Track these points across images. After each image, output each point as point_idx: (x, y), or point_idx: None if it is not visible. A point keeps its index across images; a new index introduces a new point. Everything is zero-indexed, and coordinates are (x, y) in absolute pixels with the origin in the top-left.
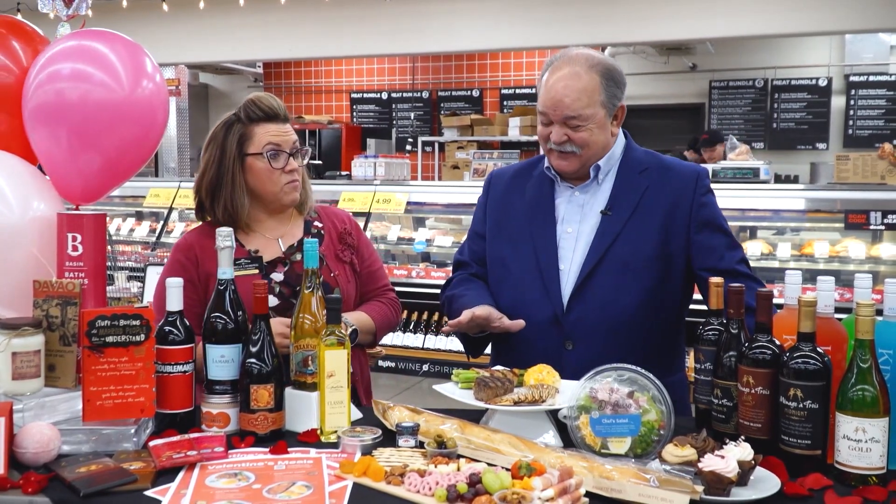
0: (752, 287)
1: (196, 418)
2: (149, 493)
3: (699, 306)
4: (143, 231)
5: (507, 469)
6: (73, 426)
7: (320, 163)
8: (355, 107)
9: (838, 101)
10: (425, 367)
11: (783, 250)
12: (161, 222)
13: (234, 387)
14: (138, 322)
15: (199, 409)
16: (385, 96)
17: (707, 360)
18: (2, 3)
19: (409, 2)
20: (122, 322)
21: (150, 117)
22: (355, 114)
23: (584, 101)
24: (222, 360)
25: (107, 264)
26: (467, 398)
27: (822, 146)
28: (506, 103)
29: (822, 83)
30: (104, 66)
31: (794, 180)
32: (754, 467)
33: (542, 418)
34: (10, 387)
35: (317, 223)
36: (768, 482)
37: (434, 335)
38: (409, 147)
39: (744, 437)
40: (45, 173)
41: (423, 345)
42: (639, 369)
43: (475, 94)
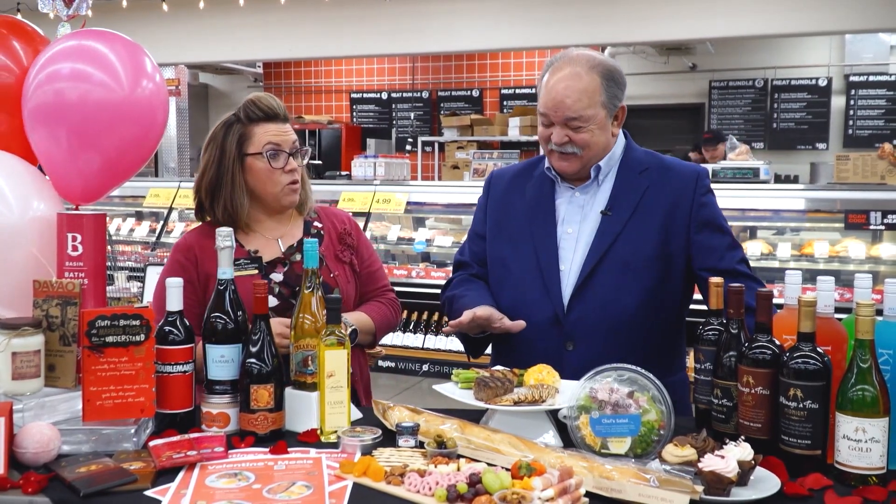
0: (752, 287)
1: (196, 418)
2: (149, 493)
3: (699, 306)
4: (143, 231)
5: (507, 469)
6: (73, 426)
7: (320, 163)
8: (355, 107)
9: (838, 101)
10: (425, 367)
11: (783, 250)
12: (161, 222)
13: (234, 387)
14: (138, 322)
15: (199, 409)
16: (385, 96)
17: (707, 360)
18: (2, 3)
19: (409, 2)
20: (122, 322)
21: (150, 117)
22: (355, 114)
23: (585, 102)
24: (222, 360)
25: (107, 264)
26: (467, 398)
27: (821, 146)
28: (506, 103)
29: (822, 83)
30: (104, 65)
31: (794, 180)
32: (754, 467)
33: (542, 418)
34: (10, 387)
35: (316, 223)
36: (768, 482)
37: (434, 335)
38: (408, 147)
39: (744, 437)
40: (45, 173)
41: (423, 345)
42: (639, 369)
43: (475, 94)
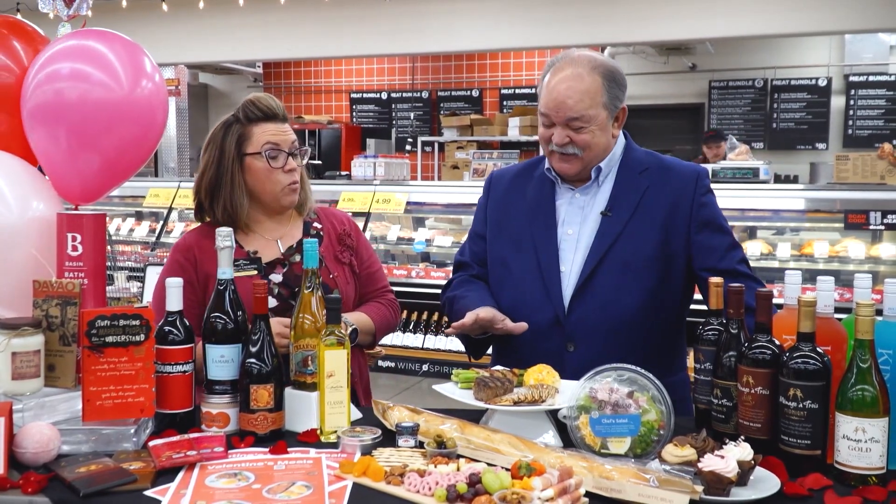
0: (752, 287)
1: (196, 418)
2: (148, 493)
3: (699, 306)
4: (143, 231)
5: (507, 469)
6: (73, 426)
7: (320, 163)
8: (355, 107)
9: (838, 101)
10: (425, 367)
11: (783, 250)
12: (161, 222)
13: (234, 387)
14: (138, 322)
15: (199, 409)
16: (385, 96)
17: (707, 360)
18: (2, 3)
19: (409, 2)
20: (122, 322)
21: (150, 117)
22: (355, 114)
23: (587, 103)
24: (222, 360)
25: (106, 264)
26: (467, 398)
27: (821, 146)
28: (505, 103)
29: (822, 83)
30: (103, 65)
31: (794, 180)
32: (754, 467)
33: (542, 418)
34: (9, 387)
35: (316, 224)
36: (768, 482)
37: (434, 335)
38: (408, 147)
39: (743, 437)
40: (45, 173)
41: (422, 345)
42: (638, 369)
43: (475, 94)
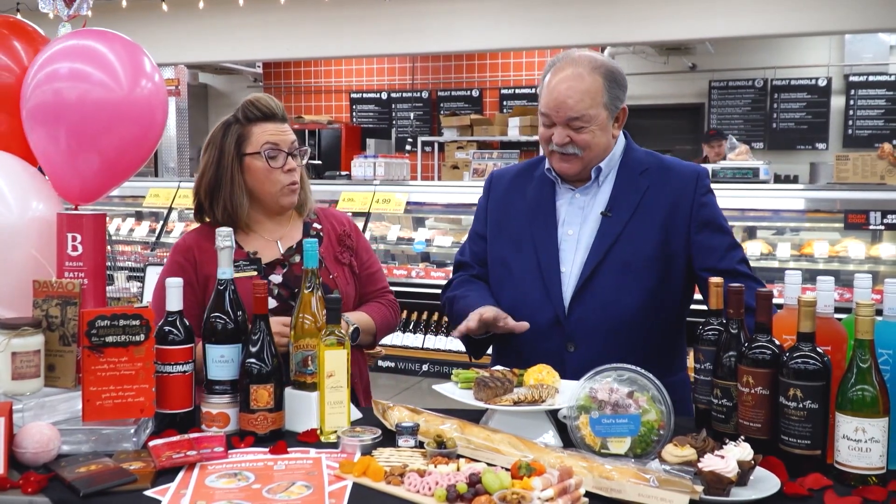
0: (752, 287)
1: (196, 418)
2: (148, 493)
3: (699, 306)
4: (143, 231)
5: (507, 469)
6: (73, 426)
7: (320, 163)
8: (355, 107)
9: (838, 101)
10: (425, 367)
11: (783, 250)
12: (161, 222)
13: (234, 387)
14: (138, 322)
15: (199, 409)
16: (385, 96)
17: (707, 360)
18: (2, 3)
19: (409, 2)
20: (122, 322)
21: (149, 117)
22: (355, 114)
23: (588, 103)
24: (222, 360)
25: (106, 264)
26: (467, 398)
27: (821, 146)
28: (505, 103)
29: (822, 83)
30: (103, 65)
31: (794, 180)
32: (754, 467)
33: (542, 418)
34: (9, 387)
35: (316, 225)
36: (768, 482)
37: (434, 335)
38: (408, 147)
39: (743, 437)
40: (44, 173)
41: (422, 345)
42: (638, 369)
43: (475, 94)
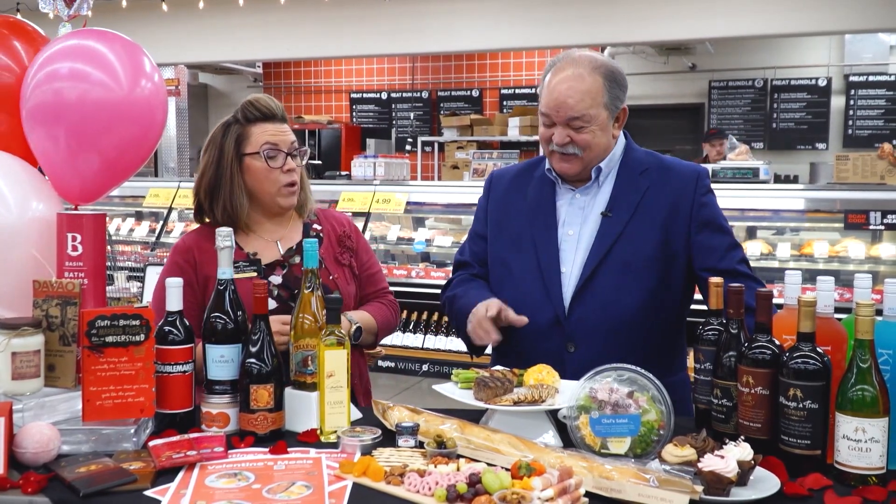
0: (752, 287)
1: (196, 418)
2: (148, 493)
3: (699, 306)
4: (143, 231)
5: (507, 469)
6: (73, 426)
7: (320, 163)
8: (355, 107)
9: (838, 101)
10: (425, 367)
11: (783, 250)
12: (161, 222)
13: (234, 387)
14: (138, 322)
15: (199, 409)
16: (385, 96)
17: (707, 360)
18: (2, 3)
19: (409, 2)
20: (122, 322)
21: (149, 117)
22: (355, 114)
23: (588, 103)
24: (222, 360)
25: (106, 264)
26: (467, 398)
27: (821, 146)
28: (505, 103)
29: (822, 83)
30: (102, 65)
31: (794, 180)
32: (754, 467)
33: (542, 418)
34: (9, 387)
35: (316, 226)
36: (768, 482)
37: (434, 335)
38: (408, 147)
39: (743, 437)
40: (45, 174)
41: (422, 345)
42: (638, 369)
43: (475, 94)
